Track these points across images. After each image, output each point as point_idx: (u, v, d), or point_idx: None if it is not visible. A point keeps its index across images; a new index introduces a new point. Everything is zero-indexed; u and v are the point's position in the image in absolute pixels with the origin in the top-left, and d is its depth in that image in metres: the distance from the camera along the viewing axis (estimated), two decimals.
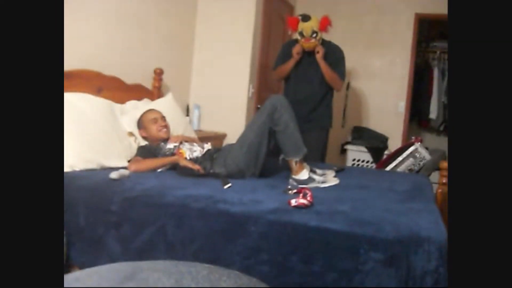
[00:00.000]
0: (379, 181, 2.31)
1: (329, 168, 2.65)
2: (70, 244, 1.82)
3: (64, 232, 1.80)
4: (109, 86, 2.81)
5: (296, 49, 3.24)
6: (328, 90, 3.39)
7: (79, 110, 2.25)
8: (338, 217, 1.56)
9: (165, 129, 2.62)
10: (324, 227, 1.50)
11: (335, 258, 1.47)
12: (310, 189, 1.91)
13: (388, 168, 3.32)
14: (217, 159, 2.43)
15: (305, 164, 2.35)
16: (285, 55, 3.37)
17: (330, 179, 2.30)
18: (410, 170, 3.29)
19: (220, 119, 3.80)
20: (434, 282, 1.38)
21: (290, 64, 3.29)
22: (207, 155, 2.47)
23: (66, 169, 2.03)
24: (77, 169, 2.06)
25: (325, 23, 3.20)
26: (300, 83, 3.36)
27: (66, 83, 2.44)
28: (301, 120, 3.25)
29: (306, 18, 3.18)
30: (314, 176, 2.30)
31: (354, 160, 4.24)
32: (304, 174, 2.28)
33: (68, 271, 1.83)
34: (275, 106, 2.29)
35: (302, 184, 2.22)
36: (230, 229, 1.59)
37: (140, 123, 2.62)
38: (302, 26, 3.17)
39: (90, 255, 1.80)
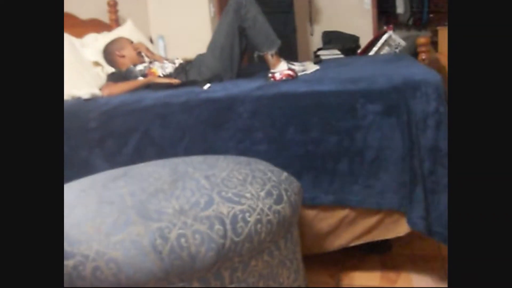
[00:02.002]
0: (360, 59, 2.24)
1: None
2: None
3: None
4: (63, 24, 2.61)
5: None
6: None
7: None
8: (327, 81, 1.48)
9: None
10: (316, 90, 1.43)
11: (332, 120, 1.40)
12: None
13: None
14: (190, 70, 2.31)
15: (281, 58, 2.25)
16: None
17: (311, 67, 2.21)
18: None
19: (186, 46, 3.60)
20: (436, 122, 1.34)
21: None
22: (180, 68, 2.34)
23: None
24: None
25: None
26: None
27: None
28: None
29: None
30: (294, 67, 2.21)
31: None
32: (282, 66, 2.17)
33: None
34: (240, 2, 2.15)
35: None
36: (217, 115, 1.51)
37: (118, 44, 2.45)
38: None
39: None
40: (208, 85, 1.91)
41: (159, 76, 2.29)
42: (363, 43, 4.17)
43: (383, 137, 1.37)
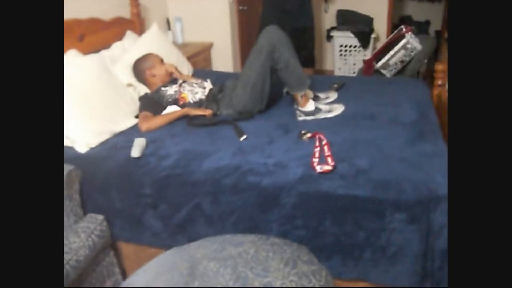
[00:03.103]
0: (383, 103, 2.39)
1: (329, 85, 2.69)
2: (110, 223, 1.94)
3: (104, 216, 1.90)
4: (90, 30, 2.65)
5: None
6: None
7: (71, 79, 2.12)
8: (361, 180, 1.69)
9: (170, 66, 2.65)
10: (352, 194, 1.65)
11: (363, 220, 1.65)
12: (324, 135, 2.00)
13: (381, 62, 3.36)
14: (222, 100, 2.45)
15: (308, 92, 2.40)
16: None
17: (336, 108, 2.37)
18: (402, 61, 3.34)
19: (203, 29, 3.65)
20: (449, 232, 1.60)
21: None
22: (211, 96, 2.48)
23: (84, 149, 2.04)
24: (93, 145, 2.08)
25: None
26: None
27: None
28: (291, 18, 3.30)
29: None
30: (320, 106, 2.37)
31: (341, 46, 4.21)
32: (310, 105, 2.34)
33: (114, 246, 2.00)
34: (274, 44, 2.24)
35: (309, 115, 2.32)
36: (264, 201, 1.73)
37: (149, 62, 2.58)
38: None
39: (133, 231, 1.95)
40: (244, 136, 2.10)
41: (190, 102, 2.44)
42: (377, 24, 4.21)
43: (403, 239, 1.63)
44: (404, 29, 3.34)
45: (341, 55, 4.25)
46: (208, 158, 1.91)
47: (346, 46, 4.20)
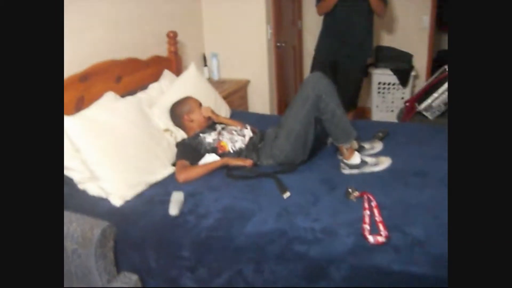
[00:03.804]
0: (432, 157, 2.25)
1: (372, 133, 2.57)
2: (144, 281, 1.85)
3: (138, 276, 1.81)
4: (127, 70, 2.62)
5: None
6: (372, 19, 3.34)
7: (107, 124, 2.07)
8: (418, 254, 1.55)
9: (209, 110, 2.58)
10: (409, 271, 1.51)
11: None
12: (372, 194, 1.88)
13: (424, 104, 3.23)
14: (262, 149, 2.36)
15: (353, 143, 2.27)
16: None
17: (382, 160, 2.24)
18: (445, 104, 3.19)
19: (240, 66, 3.59)
20: None
21: None
22: (251, 145, 2.38)
23: (119, 202, 1.97)
24: (128, 198, 2.00)
25: None
26: (347, 16, 3.27)
27: (84, 85, 2.29)
28: (349, 52, 3.27)
29: None
30: (366, 158, 2.24)
31: (379, 83, 4.08)
32: (356, 158, 2.22)
33: None
34: (320, 95, 2.14)
35: (355, 168, 2.19)
36: (311, 273, 1.61)
37: (187, 107, 2.51)
38: None
39: None
40: (288, 194, 1.98)
41: (229, 152, 2.35)
42: (416, 60, 4.09)
43: None
44: (448, 70, 3.20)
45: (379, 92, 4.12)
46: (251, 220, 1.80)
47: (384, 83, 4.07)
